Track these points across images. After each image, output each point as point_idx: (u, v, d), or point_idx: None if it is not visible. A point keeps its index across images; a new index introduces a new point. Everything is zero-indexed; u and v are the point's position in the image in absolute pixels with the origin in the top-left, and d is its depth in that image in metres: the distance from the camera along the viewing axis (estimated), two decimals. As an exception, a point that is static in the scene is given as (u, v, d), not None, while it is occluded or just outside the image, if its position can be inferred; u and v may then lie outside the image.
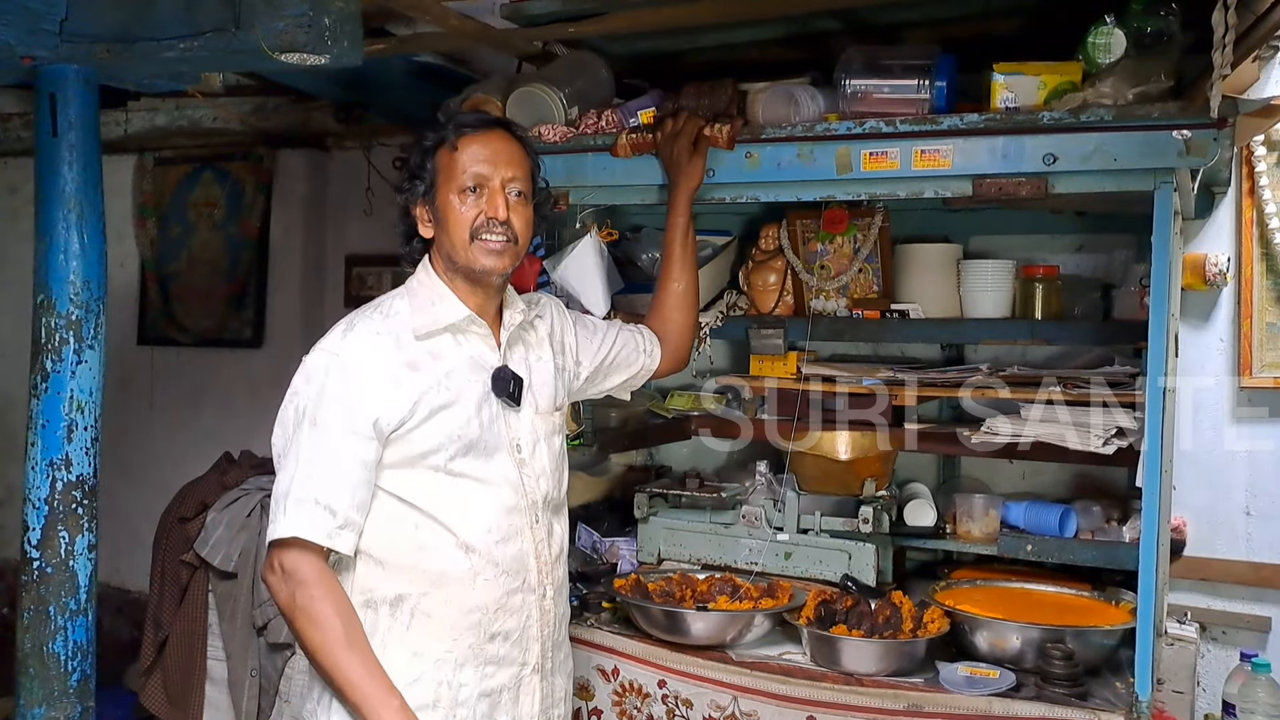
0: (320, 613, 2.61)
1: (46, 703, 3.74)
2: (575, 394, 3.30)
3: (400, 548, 2.75)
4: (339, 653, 2.60)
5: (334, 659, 2.60)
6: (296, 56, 3.42)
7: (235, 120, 6.09)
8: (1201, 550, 4.14)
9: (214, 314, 6.62)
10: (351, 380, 2.70)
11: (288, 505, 2.64)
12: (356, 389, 2.69)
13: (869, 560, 3.76)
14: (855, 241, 4.08)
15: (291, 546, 2.63)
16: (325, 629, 2.60)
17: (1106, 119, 2.96)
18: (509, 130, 2.94)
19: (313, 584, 2.61)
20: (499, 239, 2.81)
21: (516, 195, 2.85)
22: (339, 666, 2.60)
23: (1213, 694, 3.93)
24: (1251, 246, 4.05)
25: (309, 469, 2.65)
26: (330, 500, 2.63)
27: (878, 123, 3.22)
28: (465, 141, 2.84)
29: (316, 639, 2.61)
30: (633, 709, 3.54)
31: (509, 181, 2.84)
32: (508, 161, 2.85)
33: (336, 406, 2.68)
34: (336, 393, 2.69)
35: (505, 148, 2.87)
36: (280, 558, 2.64)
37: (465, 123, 2.90)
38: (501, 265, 2.83)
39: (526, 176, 2.90)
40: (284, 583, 2.63)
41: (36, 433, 3.73)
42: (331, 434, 2.66)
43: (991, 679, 3.17)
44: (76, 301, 3.70)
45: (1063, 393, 3.61)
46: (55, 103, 3.69)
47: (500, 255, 2.82)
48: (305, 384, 2.73)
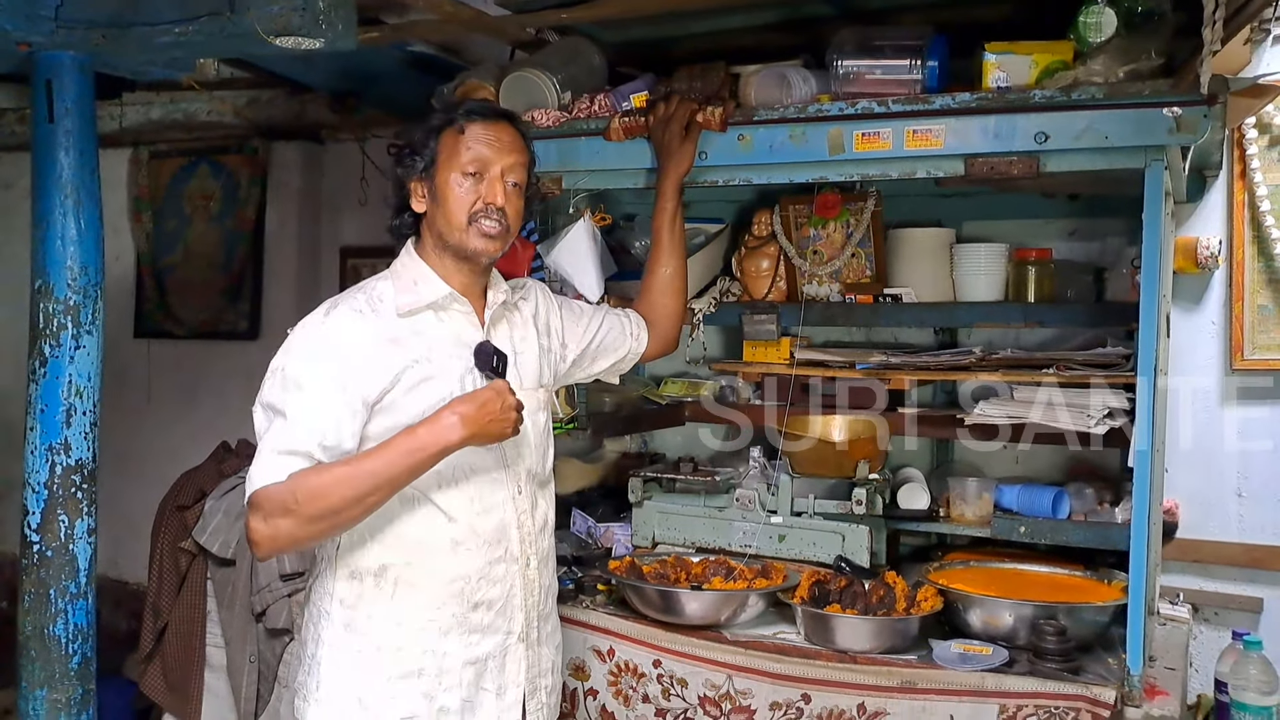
0: (307, 484, 2.61)
1: (48, 685, 3.76)
2: (563, 377, 3.34)
3: (382, 518, 2.78)
4: (343, 469, 2.63)
5: (348, 476, 2.62)
6: (291, 40, 3.44)
7: (230, 113, 6.09)
8: (1193, 533, 4.16)
9: (210, 306, 6.61)
10: (334, 351, 2.74)
11: (264, 459, 2.66)
12: (339, 358, 2.73)
13: (862, 542, 3.78)
14: (848, 226, 4.10)
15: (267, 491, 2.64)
16: (322, 479, 2.62)
17: (1098, 97, 2.98)
18: (514, 124, 2.99)
19: (287, 490, 2.61)
20: (494, 225, 2.86)
21: (513, 186, 2.91)
22: (358, 475, 2.63)
23: (1205, 675, 3.95)
24: (1243, 230, 4.06)
25: (291, 426, 2.66)
26: (310, 448, 2.65)
27: (870, 103, 3.24)
28: (473, 127, 2.89)
29: (330, 491, 2.61)
30: (628, 689, 3.56)
31: (508, 171, 2.90)
32: (510, 151, 2.92)
33: (320, 372, 2.71)
34: (319, 361, 2.73)
35: (509, 139, 2.93)
36: (259, 503, 2.63)
37: (474, 109, 2.96)
38: (493, 248, 2.88)
39: (524, 169, 2.95)
40: (266, 520, 2.62)
41: (35, 418, 3.75)
42: (314, 394, 2.69)
43: (985, 655, 3.19)
44: (74, 287, 3.72)
45: (1055, 375, 3.63)
46: (51, 89, 3.71)
47: (493, 239, 2.87)
48: (286, 356, 2.77)
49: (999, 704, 3.09)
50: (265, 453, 2.66)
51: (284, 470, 2.62)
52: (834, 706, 3.25)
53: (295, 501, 2.59)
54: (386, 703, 2.81)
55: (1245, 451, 4.13)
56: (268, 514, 2.61)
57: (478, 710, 2.90)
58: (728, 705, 3.40)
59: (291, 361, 2.74)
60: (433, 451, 2.66)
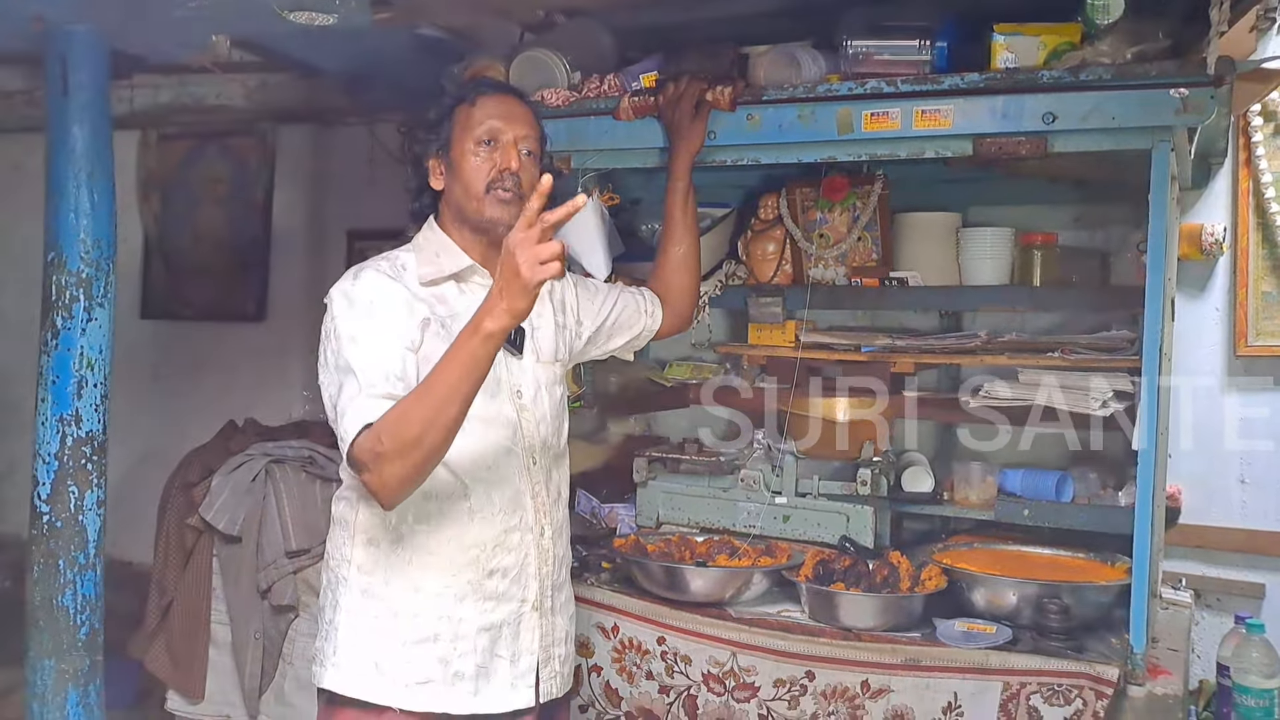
0: (386, 423, 2.58)
1: (55, 655, 3.79)
2: (578, 355, 3.37)
3: None
4: (411, 396, 2.60)
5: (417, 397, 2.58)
6: (305, 16, 3.46)
7: (239, 96, 6.08)
8: (1196, 518, 4.17)
9: (217, 288, 6.63)
10: (373, 302, 2.79)
11: (347, 417, 2.64)
12: (380, 308, 2.78)
13: (867, 523, 3.80)
14: (854, 210, 4.10)
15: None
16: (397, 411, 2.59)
17: (1105, 78, 3.00)
18: (523, 99, 3.08)
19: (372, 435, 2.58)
20: (509, 191, 2.90)
21: (527, 154, 2.96)
22: (427, 393, 2.58)
23: (1207, 660, 3.96)
24: (1248, 216, 4.08)
25: (361, 375, 2.67)
26: (387, 388, 2.65)
27: (879, 83, 3.26)
28: (482, 99, 2.98)
29: (407, 417, 2.57)
30: (632, 665, 3.57)
31: (521, 139, 2.95)
32: (520, 120, 2.98)
33: (368, 323, 2.75)
34: (362, 311, 2.77)
35: (518, 110, 3.01)
36: (357, 458, 2.62)
37: (484, 85, 3.08)
38: (509, 216, 2.87)
39: (536, 139, 3.01)
40: (370, 470, 2.60)
41: (47, 389, 3.78)
42: (371, 341, 2.72)
43: (988, 634, 3.20)
44: (87, 260, 3.75)
45: (1060, 358, 3.64)
46: (66, 64, 3.73)
47: (508, 206, 2.89)
48: (332, 320, 2.80)
49: (1003, 681, 3.10)
50: (347, 411, 2.64)
51: (368, 415, 2.61)
52: (838, 683, 3.27)
53: (381, 442, 2.56)
54: (402, 667, 2.83)
55: (1249, 437, 4.14)
56: (367, 465, 2.59)
57: (492, 677, 2.92)
58: (731, 682, 3.41)
59: (339, 322, 2.77)
60: (484, 335, 2.53)
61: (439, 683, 2.85)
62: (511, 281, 2.50)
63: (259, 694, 4.41)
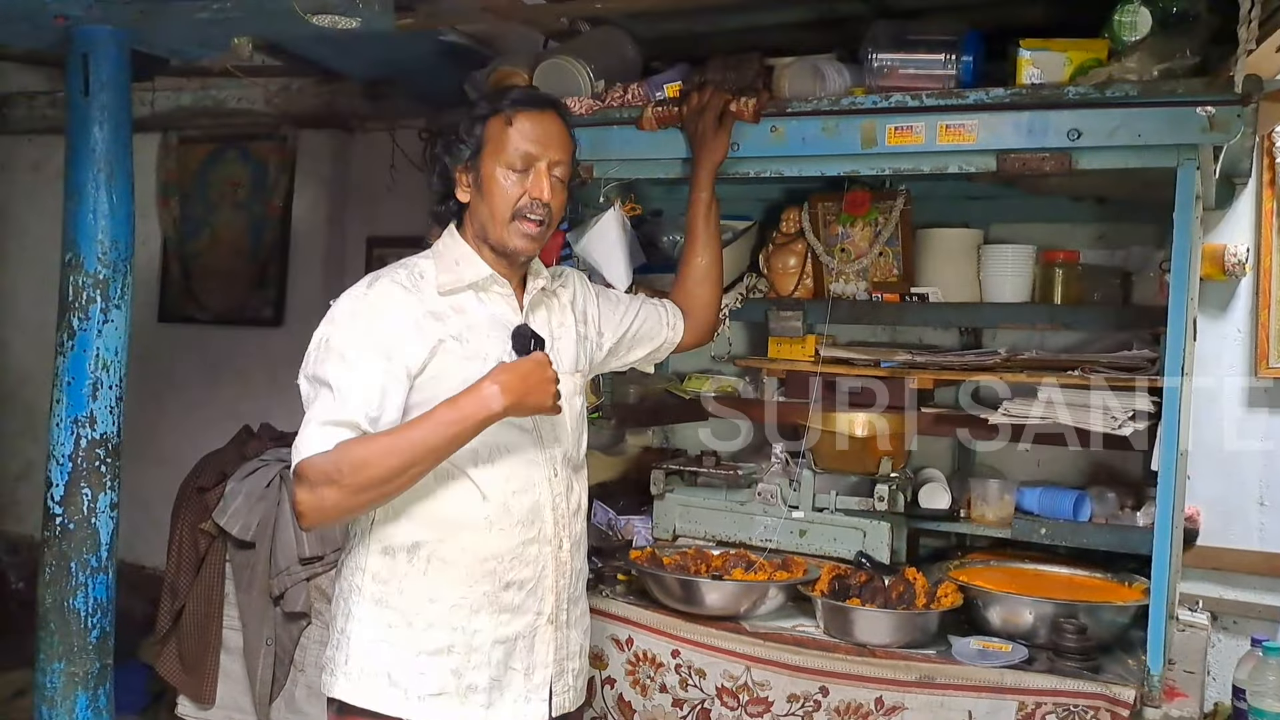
0: (351, 455, 2.61)
1: (66, 658, 3.78)
2: (599, 365, 3.35)
3: (418, 494, 2.78)
4: (386, 440, 2.64)
5: (392, 446, 2.63)
6: (328, 19, 3.46)
7: (260, 100, 6.11)
8: (1214, 540, 4.13)
9: (235, 293, 6.63)
10: (377, 321, 2.75)
11: (310, 430, 2.66)
12: (381, 327, 2.74)
13: (883, 539, 3.78)
14: (876, 224, 4.09)
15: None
16: (367, 449, 2.62)
17: (1131, 94, 2.97)
18: (560, 113, 2.98)
19: (331, 460, 2.61)
20: (538, 219, 2.86)
21: (558, 180, 2.91)
22: (402, 444, 2.64)
23: (1223, 683, 3.93)
24: (1271, 237, 4.05)
25: (336, 396, 2.66)
26: (357, 418, 2.65)
27: (903, 96, 3.24)
28: (520, 118, 2.88)
29: (375, 461, 2.61)
30: (646, 678, 3.56)
31: (555, 164, 2.90)
32: (557, 145, 2.91)
33: (364, 342, 2.72)
34: (363, 332, 2.73)
35: (556, 130, 2.93)
36: (304, 473, 2.63)
37: (521, 99, 2.94)
38: (533, 248, 2.91)
39: (568, 161, 2.95)
40: (312, 490, 2.62)
41: (61, 390, 3.77)
42: (359, 364, 2.70)
43: (1004, 652, 3.18)
44: (104, 261, 3.74)
45: (1080, 377, 3.62)
46: (88, 63, 3.73)
47: (534, 239, 2.89)
48: (330, 327, 2.77)
49: (1017, 701, 3.08)
50: (311, 424, 2.66)
51: (330, 440, 2.62)
52: (852, 700, 3.25)
53: (340, 472, 2.59)
54: (415, 678, 2.81)
55: (1268, 460, 4.12)
56: (313, 484, 2.61)
57: (505, 689, 2.89)
58: (745, 696, 3.40)
59: (336, 332, 2.75)
60: (475, 420, 2.66)
61: (452, 695, 2.83)
62: (524, 395, 2.72)
63: (270, 701, 4.40)
